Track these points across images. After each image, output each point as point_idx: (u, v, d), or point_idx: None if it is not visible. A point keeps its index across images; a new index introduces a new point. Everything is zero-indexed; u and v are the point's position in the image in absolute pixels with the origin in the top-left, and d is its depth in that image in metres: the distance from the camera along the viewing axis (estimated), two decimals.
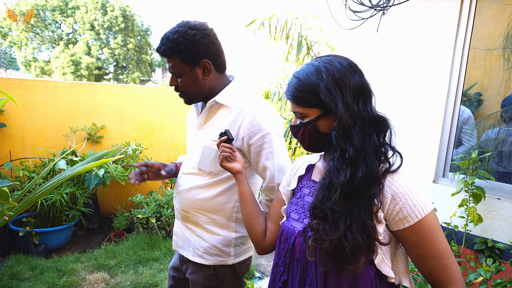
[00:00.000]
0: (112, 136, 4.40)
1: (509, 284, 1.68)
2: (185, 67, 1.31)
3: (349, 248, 0.85)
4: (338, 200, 0.89)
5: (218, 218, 1.42)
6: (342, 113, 0.90)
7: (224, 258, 1.43)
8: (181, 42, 1.27)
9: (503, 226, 2.04)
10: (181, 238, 1.52)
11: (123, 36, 20.40)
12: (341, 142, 0.91)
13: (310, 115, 0.97)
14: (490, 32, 2.22)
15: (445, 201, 2.25)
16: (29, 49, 20.03)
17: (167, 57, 1.31)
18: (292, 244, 1.01)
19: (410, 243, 0.89)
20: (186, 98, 1.40)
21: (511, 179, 2.17)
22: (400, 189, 0.88)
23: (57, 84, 4.07)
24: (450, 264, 0.89)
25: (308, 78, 0.94)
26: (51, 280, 2.90)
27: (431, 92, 2.36)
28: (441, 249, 0.88)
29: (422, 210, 0.86)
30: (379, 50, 2.63)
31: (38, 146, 3.99)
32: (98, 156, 2.08)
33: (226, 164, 1.19)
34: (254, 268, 3.40)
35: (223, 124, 1.36)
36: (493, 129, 2.23)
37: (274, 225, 1.18)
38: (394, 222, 0.89)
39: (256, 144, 1.30)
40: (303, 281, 0.98)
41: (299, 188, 1.11)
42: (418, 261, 0.91)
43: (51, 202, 3.38)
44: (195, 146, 1.43)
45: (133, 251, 3.50)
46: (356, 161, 0.90)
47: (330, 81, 0.91)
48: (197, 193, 1.41)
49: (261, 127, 1.29)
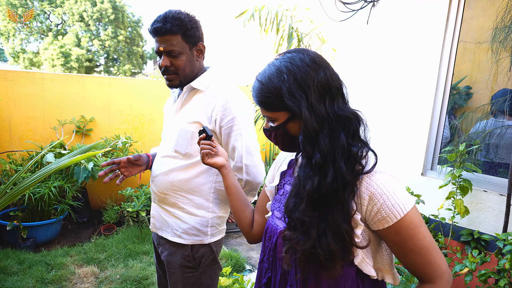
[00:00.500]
0: (101, 129, 4.34)
1: (493, 274, 1.70)
2: (185, 45, 1.39)
3: (323, 255, 0.83)
4: (306, 210, 0.86)
5: (196, 198, 1.48)
6: (307, 117, 0.85)
7: (202, 237, 1.50)
8: (187, 21, 1.36)
9: (489, 218, 2.07)
10: (158, 220, 1.56)
11: (114, 27, 20.08)
12: (307, 148, 0.87)
13: (279, 118, 0.93)
14: (480, 25, 2.22)
15: (433, 193, 2.28)
16: (17, 40, 19.62)
17: (170, 34, 1.34)
18: (274, 243, 1.01)
19: (392, 242, 0.88)
20: (177, 80, 1.43)
21: (498, 171, 2.19)
22: (377, 189, 0.84)
23: (45, 75, 4.00)
24: (435, 258, 0.87)
25: (270, 81, 0.89)
26: (40, 274, 2.87)
27: (420, 85, 2.36)
28: (423, 245, 0.86)
29: (401, 209, 0.83)
30: (369, 42, 2.62)
31: (25, 139, 3.93)
32: (85, 148, 2.05)
33: (208, 160, 1.19)
34: (244, 261, 3.41)
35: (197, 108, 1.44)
36: (480, 122, 2.24)
37: (261, 217, 1.18)
38: (374, 222, 0.86)
39: (226, 126, 1.41)
40: (284, 280, 0.99)
41: (282, 184, 1.09)
42: (402, 258, 0.89)
43: (39, 196, 3.34)
44: (172, 130, 1.49)
45: (123, 244, 3.48)
46: (324, 166, 0.85)
47: (292, 83, 0.86)
48: (176, 175, 1.46)
49: (232, 111, 1.40)
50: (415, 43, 2.38)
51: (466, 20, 2.24)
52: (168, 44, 1.36)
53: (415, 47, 2.38)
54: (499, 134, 2.13)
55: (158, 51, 1.40)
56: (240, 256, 3.45)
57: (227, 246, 3.82)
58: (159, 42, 1.37)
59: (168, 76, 1.43)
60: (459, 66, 2.34)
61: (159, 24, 1.34)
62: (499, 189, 2.06)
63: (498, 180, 2.10)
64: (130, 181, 4.42)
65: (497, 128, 2.13)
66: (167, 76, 1.43)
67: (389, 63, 2.51)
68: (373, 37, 2.59)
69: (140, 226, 3.76)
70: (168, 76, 1.43)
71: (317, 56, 0.91)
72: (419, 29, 2.36)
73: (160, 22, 1.34)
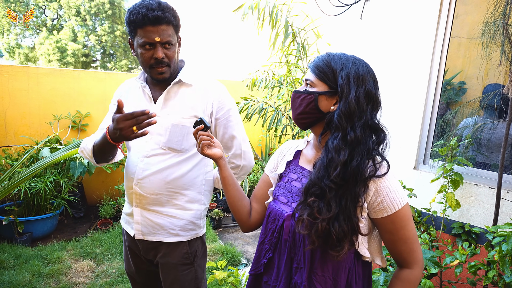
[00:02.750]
0: (97, 123, 4.34)
1: (482, 266, 1.73)
2: (176, 36, 1.38)
3: (336, 234, 0.93)
4: (337, 177, 0.94)
5: (191, 193, 1.48)
6: (352, 99, 0.95)
7: (197, 230, 1.52)
8: (176, 12, 1.34)
9: (480, 211, 2.10)
10: (146, 226, 1.46)
11: (110, 22, 19.94)
12: (343, 122, 0.96)
13: (317, 86, 1.01)
14: (474, 20, 2.23)
15: (425, 187, 2.30)
16: (12, 35, 19.45)
17: (167, 24, 1.31)
18: (280, 225, 1.07)
19: (386, 229, 1.00)
20: (168, 73, 1.39)
21: (488, 165, 2.22)
22: (382, 183, 0.97)
23: (40, 70, 3.99)
24: (416, 248, 1.02)
25: (337, 58, 1.00)
26: (36, 268, 2.89)
27: (412, 79, 2.38)
28: (410, 235, 1.00)
29: (399, 202, 0.97)
30: (363, 37, 2.63)
31: (21, 134, 3.92)
32: (78, 143, 2.06)
33: (207, 151, 1.19)
34: (240, 255, 3.44)
35: (190, 102, 1.43)
36: (472, 117, 2.26)
37: (260, 205, 1.23)
38: (374, 211, 0.99)
39: (223, 118, 1.46)
40: (290, 260, 1.05)
41: (286, 173, 1.16)
42: (390, 245, 1.02)
43: (35, 191, 3.35)
44: (158, 126, 1.40)
45: (119, 239, 3.50)
46: (354, 148, 0.95)
47: (353, 71, 0.97)
48: (170, 172, 1.42)
49: (226, 103, 1.47)
50: (408, 38, 2.39)
51: (461, 15, 2.25)
52: (165, 34, 1.30)
53: (408, 42, 2.39)
54: (490, 129, 2.15)
55: (151, 42, 1.29)
56: (235, 250, 3.48)
57: (223, 240, 3.84)
58: (153, 32, 1.28)
59: (161, 68, 1.35)
60: (453, 62, 2.35)
61: (158, 13, 1.26)
62: (490, 182, 2.09)
63: (488, 174, 2.12)
64: None
65: (488, 123, 2.15)
66: (160, 68, 1.35)
67: (382, 57, 2.52)
68: (366, 32, 2.60)
69: None
70: (160, 68, 1.35)
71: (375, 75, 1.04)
72: (411, 24, 2.37)
73: (157, 10, 1.26)
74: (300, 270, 1.02)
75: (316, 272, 1.00)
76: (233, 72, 5.99)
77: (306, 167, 1.11)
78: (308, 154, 1.14)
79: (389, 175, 0.99)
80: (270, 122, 3.33)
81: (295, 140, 1.23)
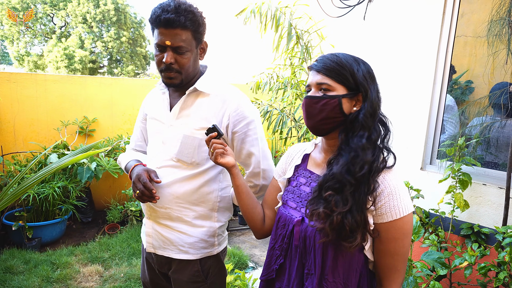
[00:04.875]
0: (104, 129, 4.38)
1: (493, 267, 1.70)
2: (194, 43, 1.27)
3: (349, 226, 0.92)
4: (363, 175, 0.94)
5: (202, 210, 1.38)
6: (374, 98, 0.99)
7: (210, 249, 1.41)
8: (199, 16, 1.25)
9: (489, 212, 2.07)
10: (156, 239, 1.41)
11: (116, 29, 20.16)
12: (369, 122, 0.98)
13: (337, 90, 1.00)
14: (480, 19, 2.21)
15: (432, 188, 2.27)
16: (21, 43, 19.78)
17: (182, 28, 1.20)
18: (290, 231, 1.06)
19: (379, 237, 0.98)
20: (179, 79, 1.29)
21: (497, 164, 2.19)
22: (387, 188, 0.95)
23: (47, 77, 4.04)
24: (401, 268, 0.99)
25: (347, 59, 1.00)
26: (45, 273, 2.92)
27: (417, 79, 2.36)
28: (399, 251, 0.97)
29: (399, 212, 0.94)
30: (366, 38, 2.62)
31: (29, 140, 3.98)
32: (85, 148, 2.08)
33: (220, 160, 1.18)
34: (247, 258, 3.43)
35: (204, 113, 1.32)
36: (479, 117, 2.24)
37: (271, 211, 1.23)
38: (376, 215, 0.97)
39: (240, 132, 1.31)
40: (301, 265, 1.05)
41: (295, 177, 1.15)
42: (377, 254, 1.00)
43: (43, 196, 3.38)
44: (170, 137, 1.35)
45: (126, 243, 3.52)
46: (375, 145, 0.98)
47: (365, 71, 1.00)
48: (179, 186, 1.34)
49: (245, 115, 1.31)
50: (412, 38, 2.38)
51: (466, 14, 2.23)
52: (177, 39, 1.21)
53: (412, 42, 2.37)
54: (498, 128, 2.12)
55: (162, 44, 1.23)
56: (243, 253, 3.48)
57: (230, 243, 3.84)
58: (165, 34, 1.21)
59: (169, 73, 1.27)
60: (460, 60, 2.33)
61: (171, 15, 1.17)
62: (499, 182, 2.06)
63: (497, 173, 2.09)
64: None
65: (495, 121, 2.12)
66: (168, 73, 1.27)
67: (387, 58, 2.51)
68: (370, 33, 2.59)
69: None
70: (169, 73, 1.27)
71: None
72: (415, 24, 2.35)
73: (171, 12, 1.18)
74: (311, 276, 1.01)
75: (327, 278, 0.98)
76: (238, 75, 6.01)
77: (315, 171, 1.10)
78: (317, 157, 1.13)
79: (397, 179, 0.99)
80: (275, 125, 3.33)
81: (302, 143, 1.22)
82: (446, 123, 2.35)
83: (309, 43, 3.31)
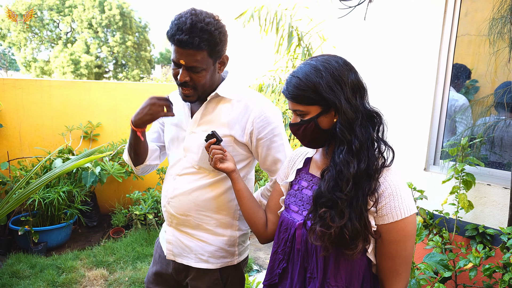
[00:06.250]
0: (108, 133, 4.41)
1: (498, 269, 1.68)
2: (210, 61, 1.22)
3: (349, 235, 0.90)
4: (350, 191, 0.92)
5: (223, 218, 1.36)
6: (346, 107, 0.94)
7: (230, 258, 1.39)
8: (217, 35, 1.17)
9: (494, 212, 2.04)
10: (177, 246, 1.40)
11: (122, 33, 20.36)
12: (346, 135, 0.94)
13: (310, 112, 0.98)
14: (483, 17, 2.18)
15: (436, 188, 2.25)
16: (28, 49, 20.06)
17: (196, 49, 1.15)
18: (292, 235, 1.06)
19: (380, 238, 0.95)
20: (196, 95, 1.26)
21: (501, 164, 2.16)
22: (388, 188, 0.93)
23: (52, 83, 4.08)
24: (402, 271, 0.95)
25: (308, 77, 0.96)
26: (51, 278, 2.94)
27: (419, 79, 2.34)
28: (401, 254, 0.94)
29: (400, 213, 0.92)
30: (367, 38, 2.61)
31: (35, 145, 4.02)
32: (88, 152, 2.09)
33: (220, 165, 1.20)
34: (252, 261, 3.42)
35: (226, 119, 1.29)
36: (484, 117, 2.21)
37: (274, 215, 1.22)
38: (377, 216, 0.94)
39: (266, 138, 1.29)
40: (303, 269, 1.03)
41: (297, 180, 1.14)
42: (378, 256, 0.97)
43: (48, 201, 3.41)
44: (191, 144, 1.33)
45: (131, 247, 3.53)
46: (360, 153, 0.94)
47: (330, 79, 0.94)
48: (201, 193, 1.33)
49: (270, 121, 1.28)
50: (413, 37, 2.36)
51: (470, 12, 2.21)
52: (191, 59, 1.17)
53: (414, 41, 2.36)
54: (503, 127, 2.10)
55: (176, 62, 1.20)
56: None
57: None
58: (179, 53, 1.17)
59: (185, 90, 1.25)
60: (464, 60, 2.31)
61: (185, 37, 1.12)
62: (503, 182, 2.03)
63: (501, 173, 2.06)
64: (137, 185, 4.48)
65: (499, 121, 2.10)
66: (184, 90, 1.25)
67: (388, 58, 2.49)
68: (371, 33, 2.58)
69: (148, 229, 3.81)
70: (184, 90, 1.25)
71: (348, 61, 1.00)
72: (416, 23, 2.34)
73: (185, 33, 1.13)
74: (313, 280, 1.00)
75: (329, 282, 0.97)
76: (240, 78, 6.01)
77: (317, 174, 1.10)
78: (318, 160, 1.12)
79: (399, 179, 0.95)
80: None
81: (304, 147, 1.21)
82: (459, 125, 2.32)
83: (310, 44, 3.30)
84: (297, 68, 1.02)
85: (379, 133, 0.98)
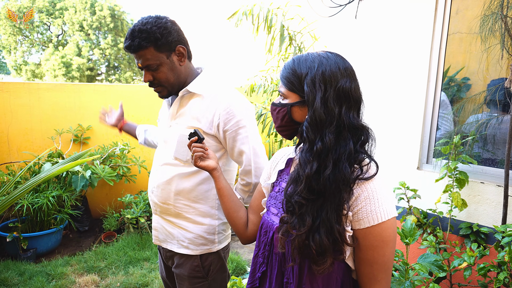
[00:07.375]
0: (99, 136, 4.35)
1: (492, 268, 1.66)
2: (161, 56, 1.33)
3: (315, 249, 0.86)
4: (303, 192, 0.89)
5: (201, 207, 1.44)
6: (317, 107, 0.88)
7: (209, 246, 1.46)
8: (155, 30, 1.29)
9: (488, 210, 2.03)
10: (162, 233, 1.52)
11: (113, 35, 20.19)
12: (310, 134, 0.90)
13: (289, 98, 0.97)
14: (474, 15, 2.18)
15: (429, 187, 2.23)
16: (19, 52, 19.81)
17: (142, 49, 1.30)
18: (271, 238, 1.03)
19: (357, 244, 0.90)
20: (165, 91, 1.40)
21: (495, 162, 2.15)
22: (365, 192, 0.88)
23: (40, 86, 4.01)
24: (381, 278, 0.90)
25: (301, 64, 0.94)
26: (40, 285, 2.87)
27: (411, 78, 2.32)
28: (379, 261, 0.89)
29: (376, 217, 0.86)
30: (359, 37, 2.59)
31: (23, 149, 3.94)
32: (77, 155, 2.04)
33: (200, 163, 1.21)
34: (246, 264, 3.38)
35: (196, 112, 1.38)
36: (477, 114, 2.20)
37: (256, 216, 1.20)
38: (353, 220, 0.90)
39: (231, 130, 1.35)
40: (280, 274, 1.01)
41: (278, 182, 1.11)
42: (356, 262, 0.93)
43: (37, 206, 3.34)
44: (169, 136, 1.45)
45: (123, 251, 3.47)
46: (324, 157, 0.88)
47: (318, 74, 0.90)
48: (178, 183, 1.41)
49: (235, 114, 1.35)
50: (405, 36, 2.34)
51: (461, 10, 2.20)
52: (144, 59, 1.32)
53: (405, 40, 2.34)
54: (495, 124, 2.09)
55: (138, 66, 1.36)
56: (241, 259, 3.43)
57: None
58: (136, 58, 1.34)
59: (155, 89, 1.41)
60: (455, 58, 2.30)
61: (128, 42, 1.29)
62: (497, 180, 2.02)
63: (495, 171, 2.05)
64: (129, 188, 4.42)
65: (492, 118, 2.09)
66: (154, 89, 1.41)
67: (380, 57, 2.47)
68: (362, 32, 2.56)
69: (140, 233, 3.75)
70: (155, 89, 1.41)
71: (351, 67, 0.95)
72: (407, 21, 2.32)
73: (128, 39, 1.30)
74: (289, 285, 0.96)
75: (305, 287, 0.94)
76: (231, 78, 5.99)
77: None
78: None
79: (378, 182, 0.89)
80: (270, 128, 3.29)
81: (287, 148, 1.18)
82: (441, 119, 2.32)
83: (302, 44, 3.28)
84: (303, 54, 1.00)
85: (363, 147, 0.92)
